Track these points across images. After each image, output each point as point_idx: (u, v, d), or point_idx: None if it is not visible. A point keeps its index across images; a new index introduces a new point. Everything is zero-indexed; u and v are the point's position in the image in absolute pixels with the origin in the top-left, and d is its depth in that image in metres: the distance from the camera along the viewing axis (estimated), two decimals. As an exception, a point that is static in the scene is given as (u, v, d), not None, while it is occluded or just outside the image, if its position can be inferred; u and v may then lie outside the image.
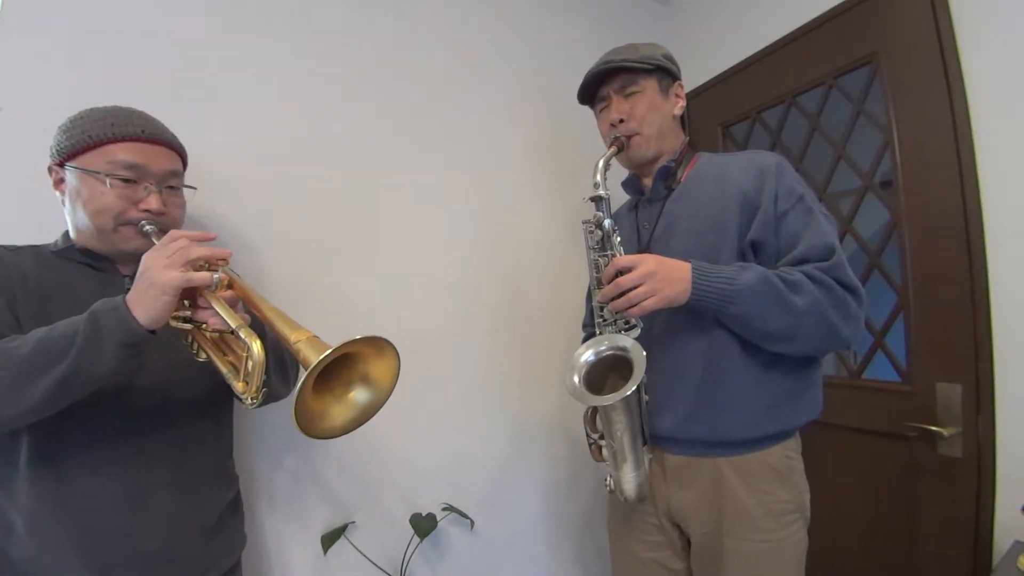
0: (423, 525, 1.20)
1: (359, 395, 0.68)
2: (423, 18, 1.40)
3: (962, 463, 1.06)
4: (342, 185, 1.27)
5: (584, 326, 1.26)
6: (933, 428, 1.08)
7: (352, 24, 1.31)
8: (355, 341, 0.61)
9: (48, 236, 0.83)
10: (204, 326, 0.70)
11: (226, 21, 1.16)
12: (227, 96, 1.14)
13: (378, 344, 0.64)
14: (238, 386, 0.67)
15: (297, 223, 1.21)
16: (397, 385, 0.69)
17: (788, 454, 0.91)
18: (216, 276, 0.67)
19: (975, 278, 1.05)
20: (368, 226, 1.30)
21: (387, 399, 0.69)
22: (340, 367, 0.63)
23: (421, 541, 1.20)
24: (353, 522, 1.21)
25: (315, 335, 0.63)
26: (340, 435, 0.66)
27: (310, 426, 0.62)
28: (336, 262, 1.25)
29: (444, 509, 1.28)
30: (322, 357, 0.57)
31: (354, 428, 0.67)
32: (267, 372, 0.66)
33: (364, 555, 1.20)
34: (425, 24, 1.41)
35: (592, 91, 1.03)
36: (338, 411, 0.66)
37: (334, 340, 0.63)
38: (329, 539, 1.13)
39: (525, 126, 1.55)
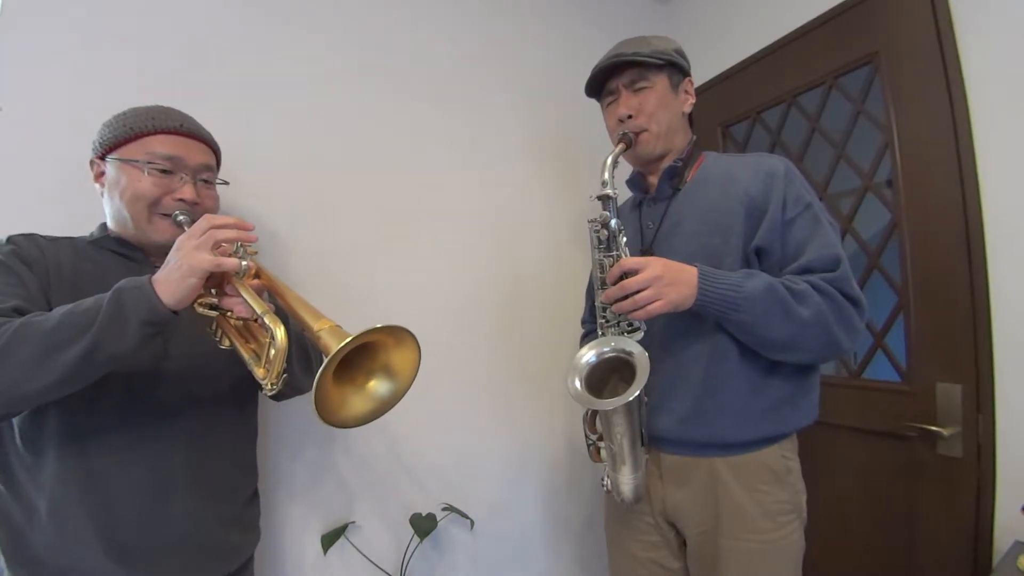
0: (423, 525, 1.20)
1: (380, 385, 0.68)
2: (424, 19, 1.41)
3: (962, 463, 1.06)
4: (343, 186, 1.27)
5: (583, 322, 1.26)
6: (933, 428, 1.08)
7: (355, 25, 1.31)
8: (375, 330, 0.61)
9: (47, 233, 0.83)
10: (229, 314, 0.71)
11: (228, 21, 1.16)
12: (228, 97, 1.14)
13: (398, 334, 0.65)
14: (259, 372, 0.68)
15: (298, 224, 1.21)
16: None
17: (785, 454, 0.91)
18: (244, 264, 0.68)
19: (975, 278, 1.05)
20: (370, 226, 1.30)
21: (407, 389, 0.69)
22: (361, 357, 0.64)
23: (421, 541, 1.20)
24: (353, 522, 1.21)
25: (337, 324, 0.63)
26: (360, 424, 0.67)
27: (330, 414, 0.62)
28: (334, 262, 1.25)
29: (444, 509, 1.28)
30: (342, 344, 0.57)
31: (374, 418, 0.68)
32: (290, 363, 0.67)
33: (364, 555, 1.20)
34: (426, 25, 1.41)
35: (600, 84, 1.01)
36: (358, 400, 0.67)
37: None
38: (329, 539, 1.13)
39: (525, 126, 1.55)
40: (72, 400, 0.65)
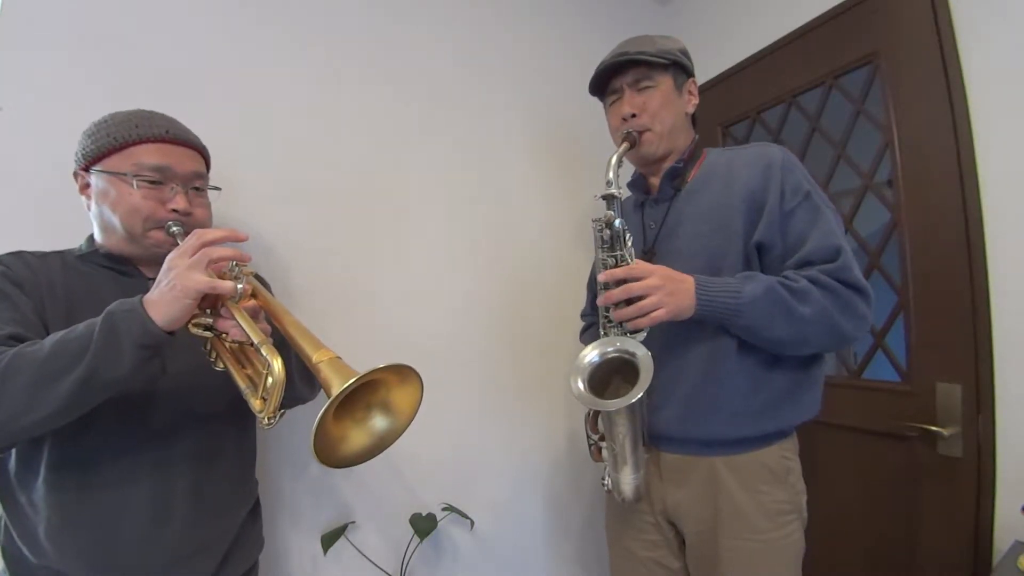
0: (423, 525, 1.20)
1: (378, 421, 0.65)
2: (424, 20, 1.40)
3: (962, 463, 1.06)
4: (342, 187, 1.27)
5: (583, 315, 1.26)
6: (933, 428, 1.08)
7: (354, 26, 1.31)
8: (379, 369, 0.59)
9: (46, 237, 0.83)
10: (224, 336, 0.68)
11: (228, 22, 1.16)
12: (227, 99, 1.14)
13: (402, 372, 0.62)
14: (255, 403, 0.65)
15: (296, 226, 1.21)
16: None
17: (785, 454, 0.91)
18: (240, 287, 0.65)
19: (975, 278, 1.05)
20: (370, 228, 1.30)
21: (407, 427, 0.67)
22: (361, 391, 0.61)
23: (421, 541, 1.20)
24: (353, 522, 1.21)
25: (337, 356, 0.61)
26: (359, 463, 0.64)
27: (329, 453, 0.60)
28: (333, 264, 1.25)
29: (444, 509, 1.28)
30: (346, 386, 0.55)
31: (373, 455, 0.65)
32: (290, 377, 0.65)
33: (364, 555, 1.20)
34: (426, 27, 1.41)
35: (604, 82, 1.01)
36: (357, 436, 0.64)
37: (333, 344, 0.62)
38: (329, 539, 1.13)
39: (526, 127, 1.55)
40: (67, 423, 0.63)
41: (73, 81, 1.00)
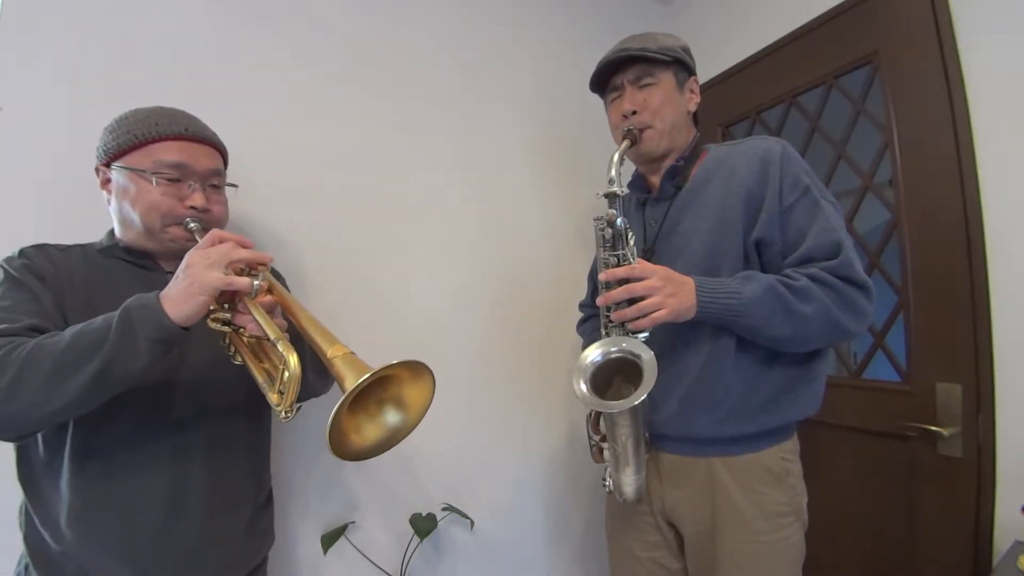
0: (423, 525, 1.20)
1: (391, 416, 0.67)
2: (425, 21, 1.40)
3: (962, 463, 1.06)
4: (344, 187, 1.27)
5: (582, 306, 1.26)
6: (933, 428, 1.08)
7: (354, 28, 1.31)
8: (392, 365, 0.60)
9: (46, 237, 0.83)
10: (242, 330, 0.70)
11: (230, 22, 1.16)
12: (228, 99, 1.14)
13: (415, 368, 0.64)
14: (272, 397, 0.66)
15: (298, 226, 1.21)
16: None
17: (784, 456, 0.90)
18: (256, 283, 0.67)
19: (975, 278, 1.05)
20: (370, 227, 1.30)
21: (418, 422, 0.68)
22: (374, 386, 0.62)
23: (421, 541, 1.20)
24: (353, 522, 1.21)
25: (351, 351, 0.62)
26: (370, 456, 0.66)
27: (343, 445, 0.61)
28: (335, 263, 1.25)
29: (444, 509, 1.28)
30: (360, 381, 0.57)
31: (384, 450, 0.67)
32: (304, 371, 0.67)
33: (364, 555, 1.20)
34: (427, 27, 1.41)
35: (605, 79, 1.00)
36: (371, 430, 0.66)
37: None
38: (329, 539, 1.13)
39: (525, 127, 1.55)
40: (89, 413, 0.65)
41: (73, 81, 1.00)
